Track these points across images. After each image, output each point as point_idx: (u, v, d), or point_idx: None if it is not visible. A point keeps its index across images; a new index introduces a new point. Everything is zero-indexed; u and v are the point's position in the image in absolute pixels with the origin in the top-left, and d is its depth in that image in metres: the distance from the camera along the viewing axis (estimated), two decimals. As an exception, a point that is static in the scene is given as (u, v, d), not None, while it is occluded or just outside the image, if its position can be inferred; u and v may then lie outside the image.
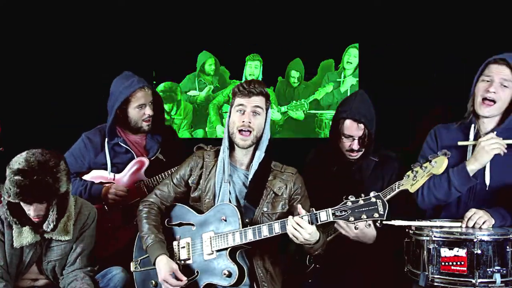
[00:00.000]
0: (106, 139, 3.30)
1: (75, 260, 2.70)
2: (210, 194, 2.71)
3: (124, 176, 3.30)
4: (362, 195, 2.40)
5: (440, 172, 2.57)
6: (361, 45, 4.54)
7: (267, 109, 2.70)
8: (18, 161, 2.44)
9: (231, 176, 2.71)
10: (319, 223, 2.43)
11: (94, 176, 3.32)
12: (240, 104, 2.65)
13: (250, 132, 2.64)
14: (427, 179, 2.72)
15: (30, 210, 2.49)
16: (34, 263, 2.68)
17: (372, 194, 2.38)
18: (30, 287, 2.72)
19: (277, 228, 2.49)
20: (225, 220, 2.61)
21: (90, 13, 4.38)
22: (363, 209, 2.35)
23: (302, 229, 2.42)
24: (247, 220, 2.62)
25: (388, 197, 2.69)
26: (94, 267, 2.76)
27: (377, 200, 2.35)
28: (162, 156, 3.40)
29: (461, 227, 2.60)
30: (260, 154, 2.69)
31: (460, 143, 2.71)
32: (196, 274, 2.63)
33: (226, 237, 2.58)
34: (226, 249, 2.58)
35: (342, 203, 2.40)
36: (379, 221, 2.32)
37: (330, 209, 2.40)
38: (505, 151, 2.61)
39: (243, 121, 2.63)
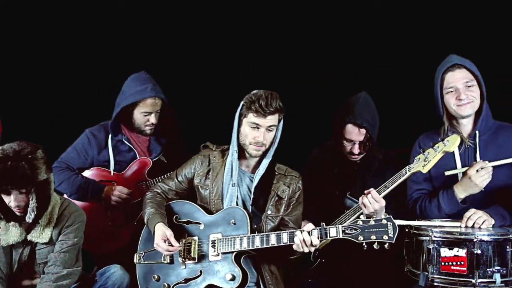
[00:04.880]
0: (110, 135, 3.29)
1: (51, 258, 2.64)
2: (218, 196, 2.73)
3: (126, 175, 3.29)
4: (374, 216, 2.41)
5: (453, 150, 2.57)
6: (361, 45, 4.55)
7: (279, 120, 2.72)
8: None
9: (238, 179, 2.74)
10: (328, 238, 2.45)
11: (94, 173, 3.31)
12: (255, 123, 2.65)
13: (264, 146, 2.69)
14: (423, 197, 2.82)
15: (11, 201, 2.48)
16: (25, 263, 2.66)
17: (383, 215, 2.39)
18: (29, 285, 2.72)
19: (285, 239, 2.51)
20: (234, 224, 2.62)
21: (92, 10, 4.38)
22: (373, 230, 2.36)
23: (311, 246, 2.44)
24: (255, 226, 2.65)
25: (399, 181, 2.69)
26: (76, 270, 2.68)
27: (388, 223, 2.36)
28: (164, 159, 3.41)
29: (460, 227, 2.60)
30: (267, 162, 2.73)
31: (447, 173, 2.73)
32: (199, 274, 2.64)
33: (234, 241, 2.59)
34: (232, 252, 2.59)
35: (353, 221, 2.43)
36: (387, 244, 2.34)
37: (340, 226, 2.42)
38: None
39: (258, 139, 2.66)
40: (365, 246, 2.38)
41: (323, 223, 2.45)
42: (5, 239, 2.58)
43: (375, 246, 2.36)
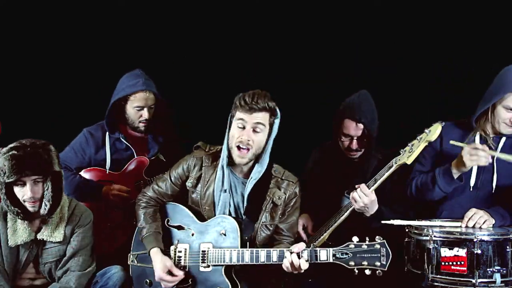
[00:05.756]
0: (107, 133, 3.29)
1: (66, 262, 2.68)
2: (209, 202, 2.68)
3: (124, 174, 3.29)
4: (367, 238, 2.38)
5: (434, 138, 2.55)
6: (361, 45, 4.57)
7: (271, 125, 2.58)
8: (10, 145, 2.54)
9: (230, 185, 2.67)
10: (317, 261, 2.40)
11: (92, 173, 3.31)
12: (241, 119, 2.54)
13: (249, 149, 2.55)
14: (419, 176, 2.81)
15: (26, 192, 2.50)
16: (30, 263, 2.68)
17: (377, 239, 2.35)
18: (29, 286, 2.72)
19: (274, 257, 2.47)
20: (225, 235, 2.59)
21: (92, 10, 4.38)
22: (365, 255, 2.31)
23: (300, 269, 2.41)
24: (246, 238, 2.59)
25: (386, 174, 2.67)
26: (91, 269, 2.73)
27: (381, 248, 2.31)
28: (163, 157, 3.41)
29: (461, 226, 2.60)
30: (260, 170, 2.62)
31: (452, 142, 2.70)
32: (190, 283, 2.62)
33: (224, 254, 2.55)
34: (222, 265, 2.56)
35: (345, 244, 2.37)
36: (379, 271, 2.28)
37: (331, 249, 2.38)
38: (490, 161, 2.60)
39: (242, 138, 2.53)
40: (356, 271, 2.32)
41: (314, 244, 2.41)
42: (13, 240, 2.59)
43: (366, 272, 2.30)
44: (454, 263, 2.43)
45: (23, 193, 2.52)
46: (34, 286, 2.73)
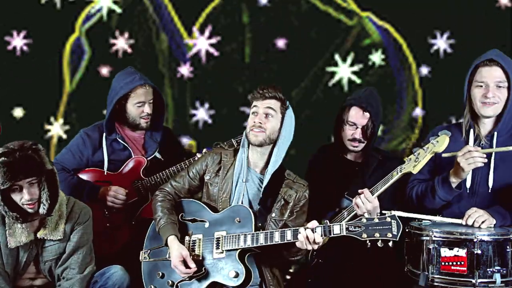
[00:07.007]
0: (104, 134, 3.29)
1: (66, 259, 2.68)
2: (226, 194, 2.77)
3: (121, 174, 3.28)
4: (377, 213, 2.42)
5: (442, 150, 2.55)
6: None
7: (282, 113, 2.75)
8: None
9: (248, 177, 2.77)
10: (332, 236, 2.45)
11: (90, 174, 3.30)
12: (254, 106, 2.75)
13: (262, 132, 2.71)
14: (419, 185, 2.81)
15: (24, 196, 2.50)
16: (30, 263, 2.68)
17: (387, 213, 2.40)
18: (29, 286, 2.72)
19: (289, 236, 2.52)
20: (239, 222, 2.64)
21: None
22: (377, 227, 2.37)
23: (314, 243, 2.46)
24: (259, 225, 2.66)
25: (391, 182, 2.68)
26: (92, 269, 2.73)
27: (392, 220, 2.36)
28: (160, 156, 3.40)
29: (461, 224, 2.59)
30: (276, 158, 2.74)
31: (444, 155, 2.67)
32: (203, 271, 2.65)
33: (238, 238, 2.61)
34: (236, 250, 2.60)
35: (357, 218, 2.42)
36: (391, 241, 2.34)
37: (344, 223, 2.43)
38: (485, 161, 2.59)
39: (255, 121, 2.72)
40: (369, 244, 2.38)
41: (327, 221, 2.47)
42: (12, 242, 2.59)
43: (379, 244, 2.36)
44: (454, 263, 2.43)
45: (20, 197, 2.51)
46: (34, 286, 2.73)
